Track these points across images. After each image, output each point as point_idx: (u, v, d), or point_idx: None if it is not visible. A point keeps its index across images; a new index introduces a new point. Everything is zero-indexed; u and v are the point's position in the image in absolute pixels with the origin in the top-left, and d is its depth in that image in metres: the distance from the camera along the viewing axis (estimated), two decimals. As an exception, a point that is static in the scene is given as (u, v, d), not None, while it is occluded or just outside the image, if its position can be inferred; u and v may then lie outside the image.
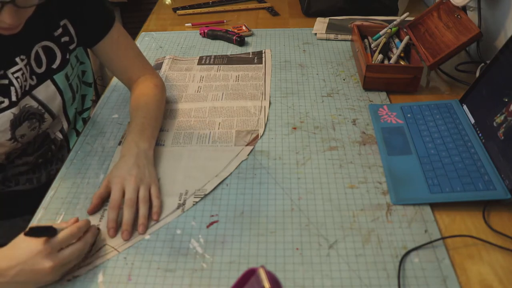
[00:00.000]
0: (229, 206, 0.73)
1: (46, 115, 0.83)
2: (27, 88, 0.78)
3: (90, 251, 0.65)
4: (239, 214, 0.71)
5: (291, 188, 0.76)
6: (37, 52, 0.79)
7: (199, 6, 1.50)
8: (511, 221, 0.69)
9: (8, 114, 0.75)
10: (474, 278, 0.61)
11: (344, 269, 0.62)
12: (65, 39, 0.83)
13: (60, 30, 0.82)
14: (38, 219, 0.71)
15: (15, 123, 0.76)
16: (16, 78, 0.75)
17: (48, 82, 0.81)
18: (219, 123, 0.91)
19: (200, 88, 1.03)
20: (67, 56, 0.84)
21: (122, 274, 0.63)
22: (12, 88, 0.74)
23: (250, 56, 1.17)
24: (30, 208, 0.73)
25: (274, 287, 0.43)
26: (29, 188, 0.89)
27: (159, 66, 1.13)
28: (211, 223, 0.70)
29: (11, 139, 0.78)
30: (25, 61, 0.76)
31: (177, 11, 1.47)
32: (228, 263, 0.64)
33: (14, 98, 0.75)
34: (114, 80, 1.07)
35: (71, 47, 0.85)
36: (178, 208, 0.72)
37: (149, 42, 1.26)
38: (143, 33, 1.33)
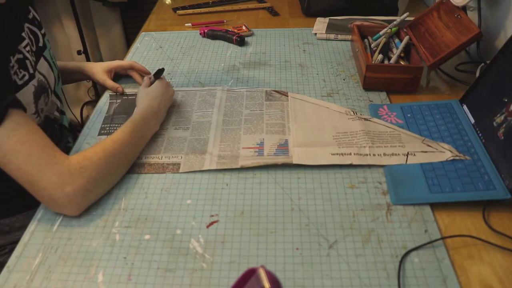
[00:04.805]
0: (229, 206, 0.73)
1: (49, 91, 0.87)
2: (34, 63, 0.82)
3: None
4: (239, 214, 0.71)
5: (291, 188, 0.76)
6: (27, 32, 0.83)
7: (199, 6, 1.50)
8: (511, 221, 0.69)
9: (30, 87, 0.78)
10: (474, 278, 0.61)
11: (344, 269, 0.62)
12: (37, 22, 0.89)
13: (31, 14, 0.87)
14: (39, 219, 0.71)
15: (36, 95, 0.80)
16: (28, 51, 0.79)
17: (42, 59, 0.86)
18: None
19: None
20: (45, 37, 0.90)
21: (122, 274, 0.63)
22: (27, 62, 0.78)
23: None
24: (33, 203, 0.73)
25: (274, 287, 0.43)
26: None
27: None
28: (211, 223, 0.70)
29: (35, 113, 0.81)
30: (27, 37, 0.81)
31: (177, 11, 1.47)
32: (228, 263, 0.64)
33: (31, 71, 0.79)
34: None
35: (42, 31, 0.90)
36: None
37: (149, 42, 1.26)
38: (143, 33, 1.33)
